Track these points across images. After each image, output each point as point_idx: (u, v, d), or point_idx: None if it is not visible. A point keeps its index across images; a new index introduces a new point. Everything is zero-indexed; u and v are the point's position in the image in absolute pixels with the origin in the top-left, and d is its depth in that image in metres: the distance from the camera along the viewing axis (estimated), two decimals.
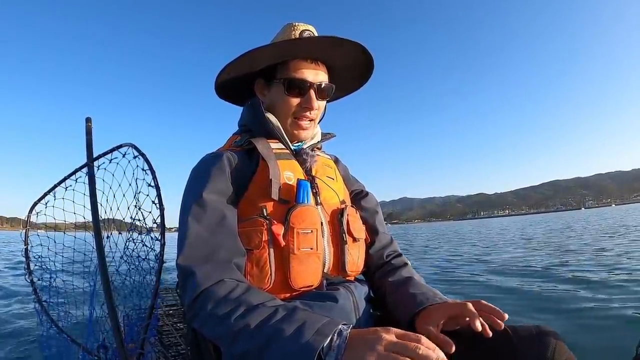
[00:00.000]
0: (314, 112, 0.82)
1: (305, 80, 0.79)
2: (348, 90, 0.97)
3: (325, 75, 0.82)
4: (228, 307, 0.58)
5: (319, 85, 0.80)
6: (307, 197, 0.74)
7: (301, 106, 0.80)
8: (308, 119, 0.82)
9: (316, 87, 0.80)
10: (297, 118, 0.82)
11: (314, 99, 0.79)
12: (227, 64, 0.79)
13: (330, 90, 0.84)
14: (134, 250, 1.37)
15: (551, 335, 0.59)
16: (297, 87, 0.79)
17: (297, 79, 0.78)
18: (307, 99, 0.79)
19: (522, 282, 4.07)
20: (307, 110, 0.80)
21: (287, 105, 0.80)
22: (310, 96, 0.79)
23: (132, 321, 1.41)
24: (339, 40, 0.76)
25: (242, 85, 0.87)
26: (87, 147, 1.45)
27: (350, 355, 0.49)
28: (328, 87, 0.82)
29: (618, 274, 4.04)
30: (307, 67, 0.79)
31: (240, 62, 0.79)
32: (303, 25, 0.80)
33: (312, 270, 0.71)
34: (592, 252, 6.15)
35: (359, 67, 0.88)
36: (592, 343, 2.08)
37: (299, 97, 0.80)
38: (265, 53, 0.77)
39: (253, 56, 0.77)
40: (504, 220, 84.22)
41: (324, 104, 0.85)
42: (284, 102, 0.81)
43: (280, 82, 0.80)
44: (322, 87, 0.81)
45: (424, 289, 0.74)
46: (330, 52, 0.80)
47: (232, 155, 0.78)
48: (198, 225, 0.67)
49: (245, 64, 0.80)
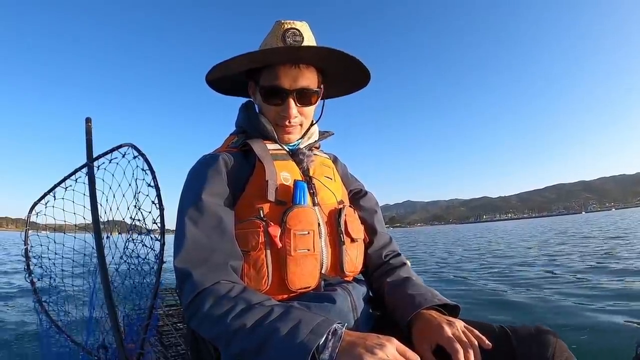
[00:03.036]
0: (296, 120, 0.79)
1: (281, 89, 0.75)
2: (347, 90, 0.94)
3: (310, 78, 0.77)
4: (224, 308, 0.59)
5: (300, 90, 0.76)
6: (304, 197, 0.73)
7: (279, 114, 0.78)
8: (288, 126, 0.80)
9: (295, 94, 0.76)
10: (279, 124, 0.80)
11: (292, 107, 0.76)
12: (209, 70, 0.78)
13: (316, 95, 0.80)
14: (134, 251, 1.37)
15: (551, 335, 0.58)
16: (273, 95, 0.77)
17: (273, 87, 0.76)
18: (285, 107, 0.77)
19: (522, 282, 4.07)
20: (285, 119, 0.78)
21: (268, 112, 0.79)
22: (288, 104, 0.76)
23: (132, 321, 1.41)
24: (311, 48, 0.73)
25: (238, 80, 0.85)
26: (87, 147, 1.45)
27: (346, 355, 0.50)
28: (311, 92, 0.78)
29: (616, 275, 4.04)
30: (285, 72, 0.75)
31: (217, 71, 0.78)
32: (289, 23, 0.76)
33: (309, 271, 0.71)
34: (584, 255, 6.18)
35: (352, 72, 0.82)
36: (591, 343, 2.08)
37: (277, 105, 0.77)
38: (238, 63, 0.75)
39: (229, 66, 0.76)
40: (506, 224, 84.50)
41: (309, 109, 0.80)
42: (265, 109, 0.80)
43: (260, 89, 0.78)
44: (304, 92, 0.77)
45: (422, 290, 0.73)
46: (309, 58, 0.76)
47: (228, 157, 0.77)
48: (195, 227, 0.67)
49: (228, 71, 0.79)
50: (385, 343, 0.51)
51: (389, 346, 0.51)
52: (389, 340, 0.52)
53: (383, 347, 0.50)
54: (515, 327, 0.63)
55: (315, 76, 0.79)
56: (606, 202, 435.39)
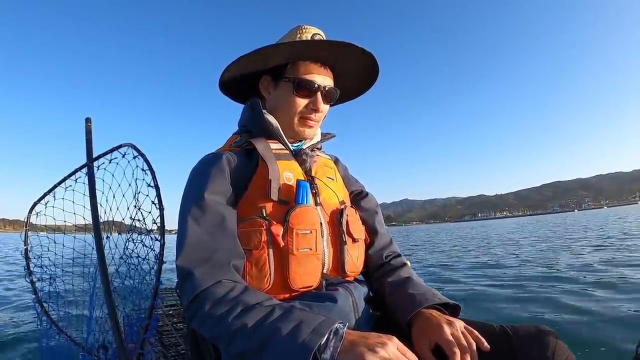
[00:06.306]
0: (319, 115, 0.83)
1: (314, 82, 0.80)
2: (348, 97, 0.99)
3: (331, 80, 0.84)
4: (225, 307, 0.59)
5: (326, 88, 0.82)
6: (306, 197, 0.74)
7: (308, 107, 0.81)
8: (313, 120, 0.83)
9: (323, 90, 0.81)
10: (303, 118, 0.82)
11: (320, 101, 0.81)
12: (239, 57, 0.78)
13: (335, 96, 0.85)
14: (134, 251, 1.37)
15: (551, 335, 0.59)
16: (306, 88, 0.80)
17: (306, 80, 0.80)
18: (314, 101, 0.81)
19: (521, 283, 4.07)
20: (313, 112, 0.81)
21: (294, 105, 0.81)
22: (317, 98, 0.81)
23: (132, 321, 1.41)
24: (350, 45, 0.77)
25: (245, 83, 0.86)
26: (87, 147, 1.45)
27: (348, 354, 0.50)
28: (334, 92, 0.84)
29: (615, 274, 4.04)
30: (317, 70, 0.81)
31: (252, 57, 0.79)
32: (314, 28, 0.81)
33: (311, 270, 0.71)
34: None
35: (363, 76, 0.90)
36: (592, 343, 2.08)
37: (307, 98, 0.81)
38: (280, 51, 0.78)
39: (266, 53, 0.78)
40: (500, 221, 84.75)
41: (328, 107, 0.86)
42: (291, 102, 0.81)
43: (289, 82, 0.80)
44: (328, 91, 0.82)
45: (423, 289, 0.74)
46: (341, 58, 0.82)
47: (231, 156, 0.78)
48: (197, 226, 0.68)
49: (258, 60, 0.80)
50: (386, 342, 0.51)
51: (390, 345, 0.51)
52: (390, 339, 0.52)
53: (384, 346, 0.50)
54: (516, 327, 0.63)
55: (332, 79, 0.85)
56: (602, 199, 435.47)
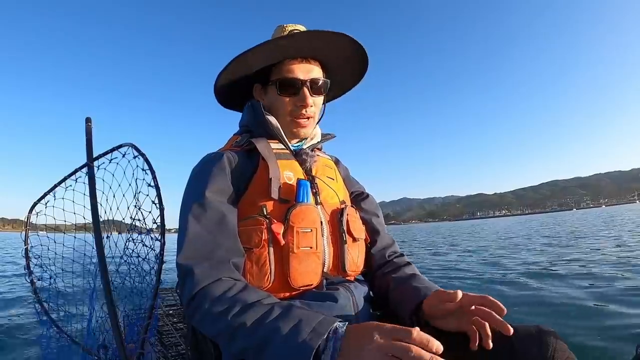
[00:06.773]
0: (311, 109, 0.82)
1: (296, 79, 0.80)
2: (345, 87, 0.97)
3: (319, 71, 0.83)
4: (225, 305, 0.59)
5: (312, 80, 0.81)
6: (307, 196, 0.74)
7: (297, 105, 0.81)
8: (305, 117, 0.82)
9: (309, 83, 0.80)
10: (294, 117, 0.82)
11: (307, 95, 0.80)
12: (220, 71, 0.80)
13: (325, 86, 0.84)
14: (134, 250, 1.37)
15: (551, 335, 0.58)
16: (290, 85, 0.80)
17: (288, 79, 0.80)
18: (301, 97, 0.80)
19: (521, 282, 4.07)
20: (302, 108, 0.81)
21: (282, 106, 0.81)
22: (303, 93, 0.80)
23: (132, 321, 1.41)
24: (324, 32, 0.76)
25: (242, 91, 0.88)
26: (87, 147, 1.45)
27: (346, 353, 0.50)
28: (322, 82, 0.83)
29: (616, 273, 4.04)
30: (298, 65, 0.80)
31: (231, 68, 0.80)
32: (292, 25, 0.81)
33: (311, 269, 0.72)
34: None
35: (353, 62, 0.88)
36: (592, 343, 2.08)
37: (293, 96, 0.80)
38: (257, 53, 0.78)
39: (241, 61, 0.79)
40: (498, 220, 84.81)
41: (320, 99, 0.85)
42: (279, 103, 0.81)
43: (273, 85, 0.81)
44: (315, 82, 0.81)
45: (427, 284, 0.74)
46: (320, 48, 0.81)
47: (232, 155, 0.78)
48: (198, 224, 0.68)
49: (240, 69, 0.81)
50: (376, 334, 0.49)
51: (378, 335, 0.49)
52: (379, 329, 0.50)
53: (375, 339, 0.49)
54: (516, 327, 0.63)
55: (320, 70, 0.84)
56: (600, 198, 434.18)
